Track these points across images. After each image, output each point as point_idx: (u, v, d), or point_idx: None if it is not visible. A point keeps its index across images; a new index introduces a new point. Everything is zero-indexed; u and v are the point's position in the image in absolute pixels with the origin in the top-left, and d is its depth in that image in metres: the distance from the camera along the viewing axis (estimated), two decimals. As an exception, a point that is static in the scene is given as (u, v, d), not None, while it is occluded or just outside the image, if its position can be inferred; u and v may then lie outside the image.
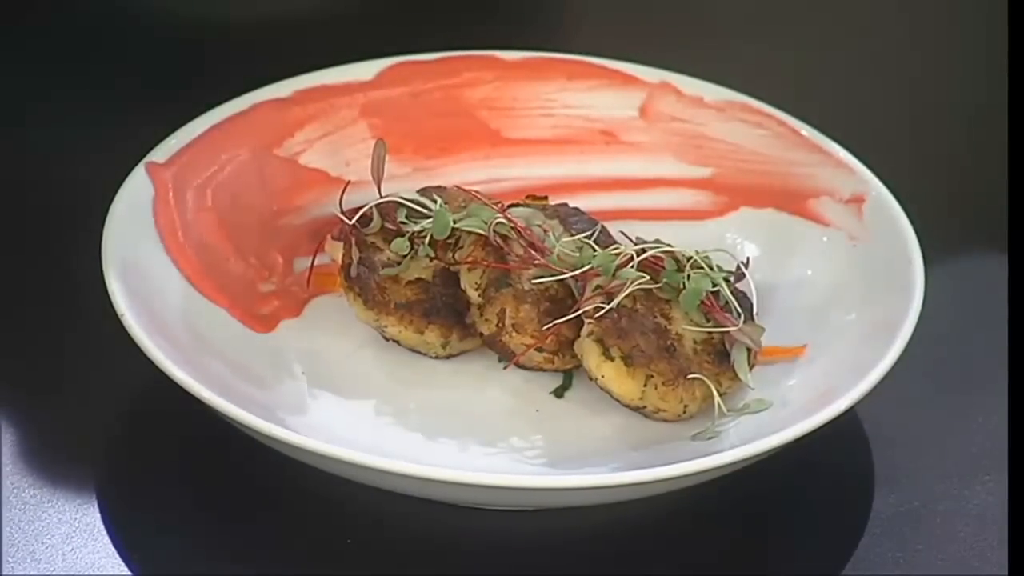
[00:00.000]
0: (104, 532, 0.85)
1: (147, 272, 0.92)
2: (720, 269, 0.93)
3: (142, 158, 0.97)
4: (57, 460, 0.89)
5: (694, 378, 0.90)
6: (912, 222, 0.96)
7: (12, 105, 1.16)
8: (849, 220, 0.99)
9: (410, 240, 0.95)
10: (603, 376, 0.89)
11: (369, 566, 0.84)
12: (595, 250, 0.93)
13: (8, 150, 1.12)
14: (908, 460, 0.92)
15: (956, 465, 0.92)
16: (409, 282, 0.94)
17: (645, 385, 0.89)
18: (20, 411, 0.92)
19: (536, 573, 0.85)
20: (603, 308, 0.90)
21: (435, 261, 0.95)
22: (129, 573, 0.84)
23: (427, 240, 0.95)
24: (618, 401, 0.90)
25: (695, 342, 0.91)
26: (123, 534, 0.85)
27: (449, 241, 0.95)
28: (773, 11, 1.33)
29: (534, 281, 0.92)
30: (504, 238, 0.93)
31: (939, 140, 1.19)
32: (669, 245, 0.93)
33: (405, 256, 0.95)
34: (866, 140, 1.03)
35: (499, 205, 0.95)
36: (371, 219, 0.96)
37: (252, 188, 1.00)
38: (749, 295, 0.94)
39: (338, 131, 1.04)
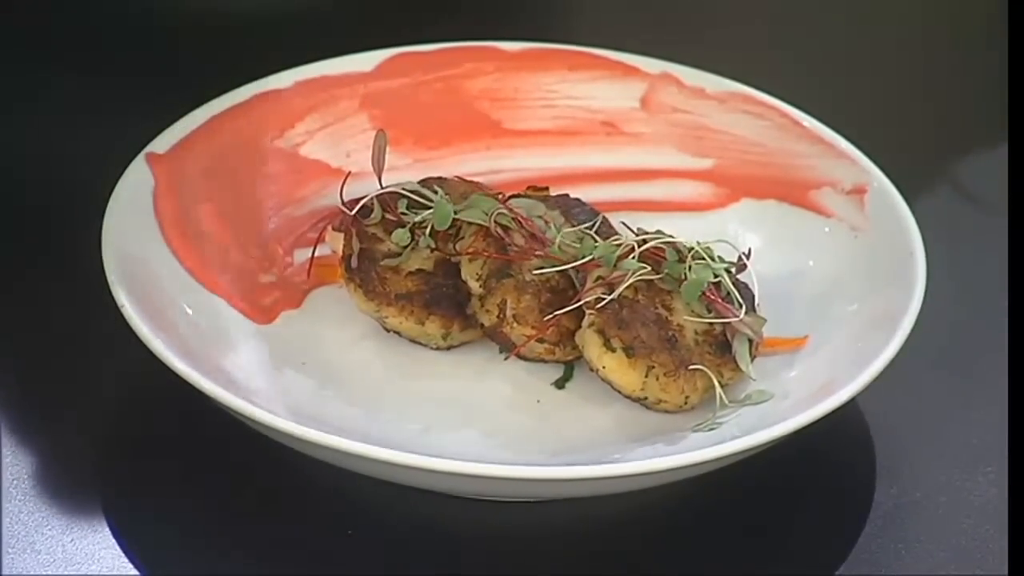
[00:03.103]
0: (104, 523, 0.85)
1: (147, 263, 0.92)
2: (721, 260, 0.93)
3: (142, 148, 0.97)
4: (57, 451, 0.89)
5: (695, 369, 0.90)
6: (914, 213, 0.96)
7: (12, 95, 1.16)
8: (851, 211, 0.99)
9: (411, 231, 0.95)
10: (604, 367, 0.89)
11: (369, 557, 0.84)
12: (596, 241, 0.93)
13: (8, 140, 1.12)
14: (909, 451, 0.92)
15: (957, 456, 0.92)
16: (410, 273, 0.94)
17: (646, 376, 0.89)
18: (19, 401, 0.92)
19: (535, 564, 0.85)
20: (604, 299, 0.90)
21: (436, 252, 0.95)
22: (128, 564, 0.84)
23: (428, 231, 0.95)
24: (619, 392, 0.90)
25: (696, 333, 0.91)
26: (123, 525, 0.85)
27: (450, 232, 0.95)
28: (775, 1, 1.33)
29: (535, 272, 0.92)
30: (505, 229, 0.93)
31: (941, 131, 1.19)
32: (670, 236, 0.93)
33: (406, 247, 0.95)
34: (868, 131, 1.03)
35: (500, 196, 0.95)
36: (372, 210, 0.96)
37: (252, 179, 1.00)
38: (751, 286, 0.94)
39: (339, 122, 1.04)
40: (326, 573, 0.84)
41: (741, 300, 0.92)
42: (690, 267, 0.92)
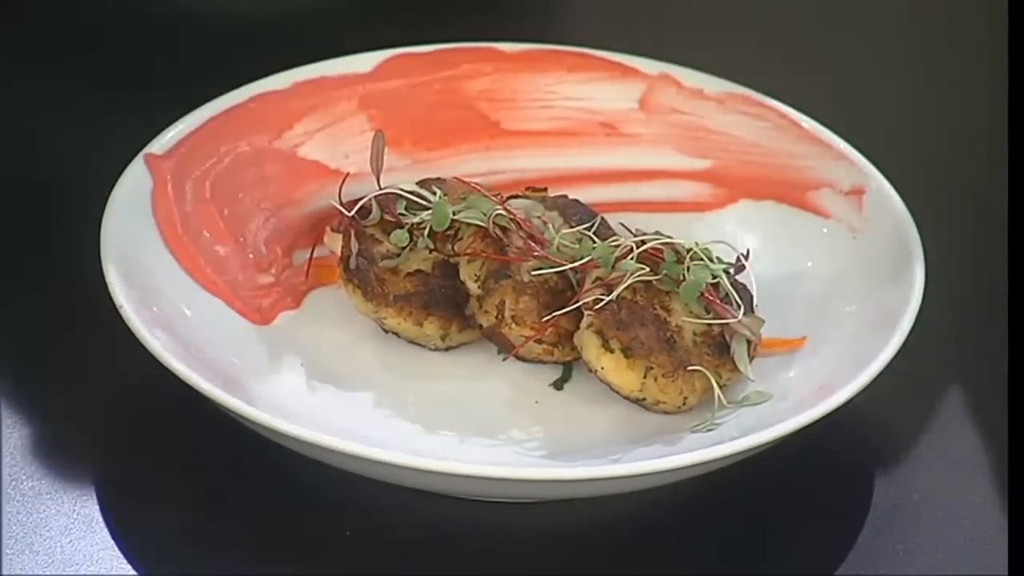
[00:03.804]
0: (102, 524, 0.85)
1: (146, 264, 0.92)
2: (720, 261, 0.93)
3: (141, 149, 0.97)
4: (56, 452, 0.89)
5: (694, 370, 0.90)
6: (912, 214, 0.96)
7: (11, 97, 1.16)
8: (849, 212, 0.99)
9: (409, 232, 0.95)
10: (603, 368, 0.89)
11: (368, 558, 0.84)
12: (595, 242, 0.93)
13: (7, 140, 1.12)
14: (908, 452, 0.92)
15: (956, 457, 0.92)
16: (408, 274, 0.94)
17: (645, 377, 0.89)
18: (19, 402, 0.92)
19: (535, 564, 0.85)
20: (603, 300, 0.90)
21: (434, 253, 0.95)
22: (127, 565, 0.84)
23: (426, 232, 0.95)
24: (618, 393, 0.90)
25: (695, 334, 0.91)
26: (121, 526, 0.85)
27: (448, 233, 0.95)
28: (773, 2, 1.33)
29: (533, 273, 0.92)
30: (503, 230, 0.93)
31: (939, 131, 1.19)
32: (669, 237, 0.93)
33: (404, 248, 0.95)
34: (866, 132, 1.03)
35: (498, 197, 0.95)
36: (370, 211, 0.96)
37: (251, 180, 1.00)
38: (749, 287, 0.94)
39: (337, 123, 1.04)
40: (326, 573, 0.84)
41: (739, 301, 0.92)
42: (688, 268, 0.92)
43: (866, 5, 1.33)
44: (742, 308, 0.92)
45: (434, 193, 0.96)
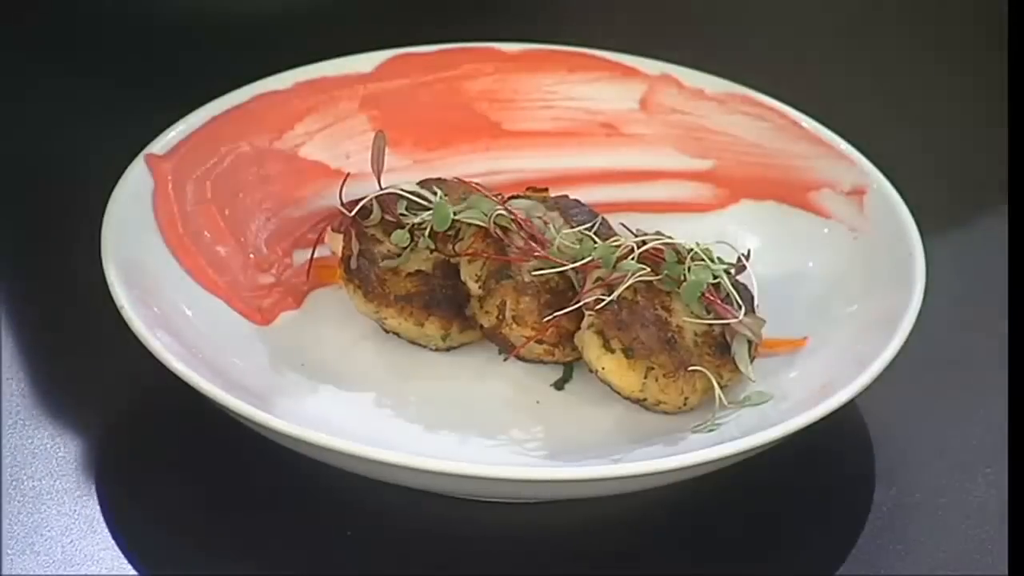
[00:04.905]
0: (103, 524, 0.85)
1: (146, 264, 0.92)
2: (721, 261, 0.93)
3: (142, 149, 0.97)
4: (56, 452, 0.89)
5: (695, 370, 0.90)
6: (913, 214, 0.96)
7: (12, 97, 1.16)
8: (850, 212, 0.99)
9: (410, 232, 0.95)
10: (603, 368, 0.89)
11: (369, 558, 0.84)
12: (596, 242, 0.93)
13: (7, 142, 1.12)
14: (909, 452, 0.92)
15: (957, 457, 0.92)
16: (409, 274, 0.94)
17: (645, 377, 0.89)
18: (19, 401, 0.92)
19: (535, 565, 0.85)
20: (603, 300, 0.90)
21: (435, 253, 0.95)
22: (128, 565, 0.84)
23: (427, 232, 0.95)
24: (618, 393, 0.90)
25: (696, 334, 0.91)
26: (122, 526, 0.85)
27: (449, 233, 0.95)
28: (774, 3, 1.33)
29: (534, 273, 0.92)
30: (504, 230, 0.93)
31: (940, 131, 1.19)
32: (670, 237, 0.93)
33: (405, 248, 0.95)
34: (867, 132, 1.03)
35: (499, 197, 0.95)
36: (371, 211, 0.96)
37: (252, 180, 1.00)
38: (750, 287, 0.94)
39: (338, 123, 1.04)
40: (326, 573, 0.84)
41: (740, 301, 0.92)
42: (689, 268, 0.92)
43: (867, 5, 1.33)
44: (743, 308, 0.92)
45: (435, 193, 0.96)
